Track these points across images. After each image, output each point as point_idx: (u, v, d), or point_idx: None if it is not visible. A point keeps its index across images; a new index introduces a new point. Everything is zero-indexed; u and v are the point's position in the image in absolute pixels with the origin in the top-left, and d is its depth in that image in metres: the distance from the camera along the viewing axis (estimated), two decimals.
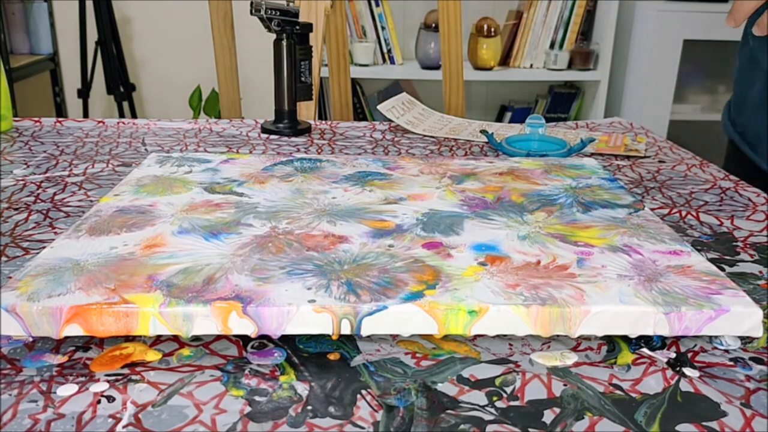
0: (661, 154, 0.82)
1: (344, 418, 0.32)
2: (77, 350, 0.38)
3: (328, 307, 0.37)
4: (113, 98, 2.28)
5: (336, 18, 1.23)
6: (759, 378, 0.37)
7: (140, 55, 2.45)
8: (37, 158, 0.74)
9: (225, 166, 0.63)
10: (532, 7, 2.40)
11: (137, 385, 0.35)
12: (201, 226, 0.48)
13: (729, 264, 0.51)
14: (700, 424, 0.33)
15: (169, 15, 2.40)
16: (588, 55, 2.40)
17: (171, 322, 0.37)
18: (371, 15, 2.35)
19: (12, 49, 2.32)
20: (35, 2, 2.32)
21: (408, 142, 0.85)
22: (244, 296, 0.38)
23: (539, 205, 0.55)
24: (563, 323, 0.38)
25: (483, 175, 0.62)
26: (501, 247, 0.46)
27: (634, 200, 0.56)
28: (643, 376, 0.36)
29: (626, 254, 0.45)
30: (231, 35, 1.28)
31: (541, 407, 0.34)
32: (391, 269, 0.42)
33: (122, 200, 0.53)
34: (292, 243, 0.46)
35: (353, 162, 0.65)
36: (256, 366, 0.37)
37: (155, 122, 0.91)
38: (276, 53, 0.86)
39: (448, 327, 0.38)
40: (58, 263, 0.42)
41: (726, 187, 0.69)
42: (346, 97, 1.31)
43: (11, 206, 0.59)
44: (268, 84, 0.88)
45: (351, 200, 0.55)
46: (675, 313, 0.38)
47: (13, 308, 0.36)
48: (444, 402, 0.34)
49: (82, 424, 0.32)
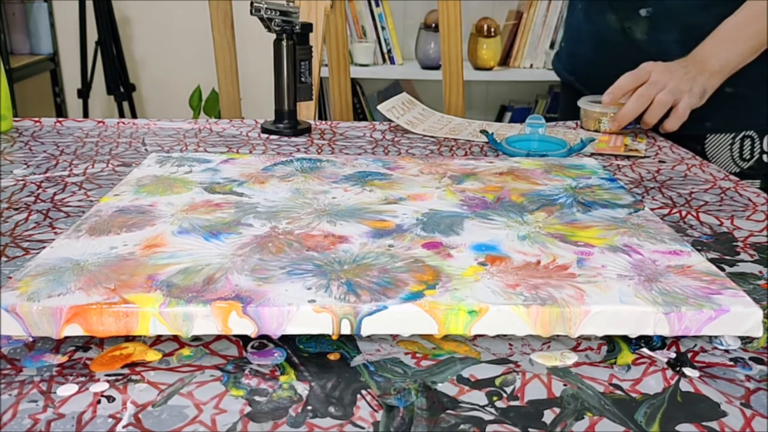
0: (661, 154, 0.82)
1: (344, 418, 0.32)
2: (77, 350, 0.38)
3: (328, 307, 0.37)
4: (113, 98, 2.28)
5: (336, 18, 1.23)
6: (759, 378, 0.37)
7: (140, 55, 2.45)
8: (37, 158, 0.74)
9: (225, 166, 0.63)
10: (532, 7, 2.40)
11: (137, 385, 0.35)
12: (201, 226, 0.48)
13: (729, 264, 0.50)
14: (700, 424, 0.33)
15: (169, 15, 2.40)
16: None
17: (171, 322, 0.37)
18: (371, 15, 2.34)
19: (12, 49, 2.32)
20: (35, 2, 2.32)
21: (408, 142, 0.85)
22: (244, 296, 0.38)
23: (539, 205, 0.55)
24: (563, 323, 0.38)
25: (483, 175, 0.62)
26: (501, 247, 0.46)
27: (634, 200, 0.56)
28: (643, 376, 0.36)
29: (626, 254, 0.45)
30: (231, 35, 1.28)
31: (541, 407, 0.34)
32: (391, 269, 0.42)
33: (122, 200, 0.53)
34: (292, 243, 0.46)
35: (353, 162, 0.65)
36: (256, 366, 0.37)
37: (155, 122, 0.91)
38: (276, 53, 0.86)
39: (448, 327, 0.38)
40: (58, 263, 0.42)
41: (726, 187, 0.69)
42: (346, 97, 1.31)
43: (11, 206, 0.59)
44: (268, 84, 0.88)
45: (351, 200, 0.55)
46: (675, 313, 0.38)
47: (13, 308, 0.36)
48: (444, 402, 0.34)
49: (82, 424, 0.32)
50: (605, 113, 0.89)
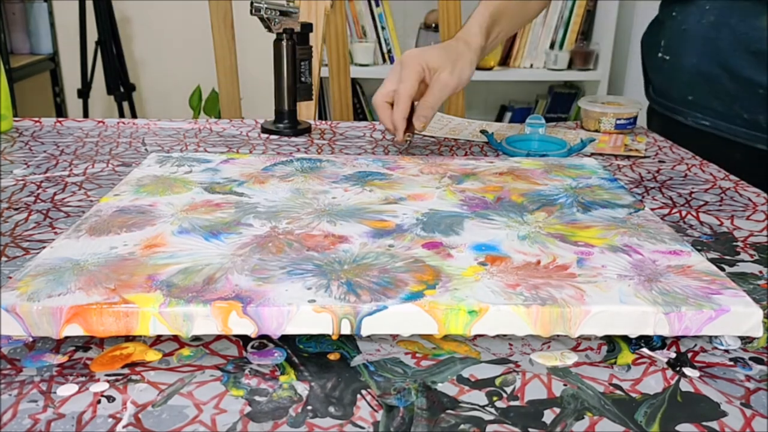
0: (661, 154, 0.82)
1: (344, 418, 0.32)
2: (77, 350, 0.38)
3: (328, 307, 0.37)
4: (113, 98, 2.28)
5: (336, 18, 1.23)
6: (759, 378, 0.37)
7: (140, 55, 2.45)
8: (37, 158, 0.74)
9: (225, 166, 0.63)
10: None
11: (137, 385, 0.35)
12: (201, 226, 0.48)
13: (729, 264, 0.50)
14: (700, 424, 0.33)
15: (169, 15, 2.39)
16: (588, 55, 2.40)
17: (171, 322, 0.37)
18: (371, 15, 2.34)
19: (12, 49, 2.31)
20: (35, 2, 2.31)
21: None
22: (244, 296, 0.38)
23: (539, 205, 0.55)
24: (563, 323, 0.38)
25: (483, 175, 0.62)
26: (501, 247, 0.46)
27: (634, 200, 0.56)
28: (643, 376, 0.36)
29: (626, 254, 0.45)
30: (231, 35, 1.28)
31: (541, 407, 0.34)
32: (391, 269, 0.42)
33: (122, 200, 0.53)
34: (292, 243, 0.46)
35: (353, 162, 0.65)
36: (256, 366, 0.37)
37: (155, 122, 0.91)
38: (276, 53, 0.86)
39: (448, 327, 0.38)
40: (58, 263, 0.42)
41: (726, 187, 0.69)
42: (346, 97, 1.31)
43: (11, 206, 0.59)
44: (268, 84, 0.88)
45: (351, 200, 0.55)
46: (675, 313, 0.38)
47: (13, 308, 0.36)
48: (444, 402, 0.34)
49: (82, 424, 0.32)
50: (605, 113, 0.89)
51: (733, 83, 0.82)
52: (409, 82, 0.74)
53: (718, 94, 0.85)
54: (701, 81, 0.86)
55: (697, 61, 0.86)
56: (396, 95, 0.75)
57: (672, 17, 0.90)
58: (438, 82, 0.75)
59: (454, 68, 0.76)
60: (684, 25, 0.88)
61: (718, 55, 0.83)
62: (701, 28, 0.85)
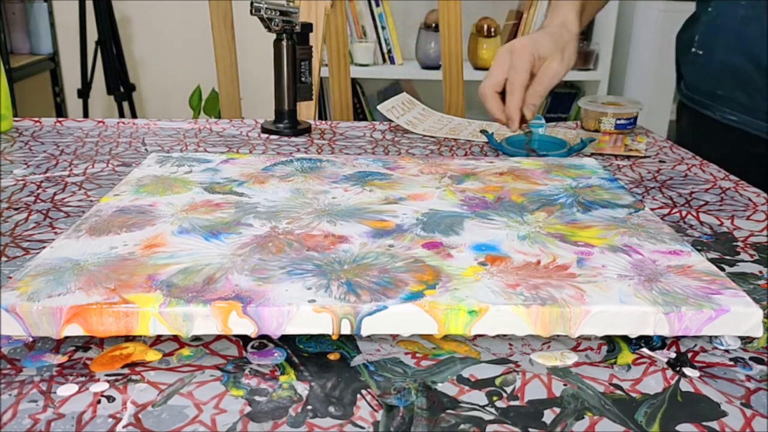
0: (661, 154, 0.82)
1: (344, 418, 0.32)
2: (77, 350, 0.38)
3: (328, 307, 0.37)
4: (113, 98, 2.28)
5: (336, 18, 1.23)
6: (759, 378, 0.37)
7: (140, 55, 2.45)
8: (37, 158, 0.74)
9: (225, 166, 0.63)
10: (532, 7, 2.39)
11: (137, 385, 0.35)
12: (201, 226, 0.48)
13: (729, 264, 0.50)
14: (700, 424, 0.33)
15: (169, 15, 2.40)
16: (588, 55, 2.40)
17: (171, 322, 0.37)
18: (371, 15, 2.34)
19: (12, 49, 2.32)
20: (35, 2, 2.32)
21: (408, 142, 0.85)
22: (244, 296, 0.38)
23: (539, 205, 0.55)
24: (563, 323, 0.38)
25: (483, 175, 0.62)
26: (501, 247, 0.46)
27: (634, 200, 0.56)
28: (643, 376, 0.36)
29: (626, 254, 0.45)
30: (231, 35, 1.28)
31: (541, 407, 0.34)
32: (391, 269, 0.42)
33: (122, 200, 0.53)
34: (292, 243, 0.46)
35: (353, 162, 0.65)
36: (256, 366, 0.37)
37: (155, 122, 0.91)
38: (276, 53, 0.86)
39: (448, 327, 0.38)
40: (58, 263, 0.42)
41: (726, 187, 0.69)
42: (346, 97, 1.31)
43: (11, 206, 0.59)
44: (268, 84, 0.88)
45: (351, 200, 0.55)
46: (675, 313, 0.38)
47: (13, 308, 0.36)
48: (444, 402, 0.34)
49: (82, 424, 0.31)
50: (605, 113, 0.89)
51: (761, 76, 0.83)
52: (522, 72, 0.75)
53: (745, 87, 0.85)
54: (729, 75, 0.87)
55: (726, 55, 0.87)
56: (509, 85, 0.75)
57: (708, 12, 0.91)
58: (549, 70, 0.76)
59: (563, 57, 0.78)
60: (718, 20, 0.89)
61: (747, 49, 0.84)
62: (733, 22, 0.86)
